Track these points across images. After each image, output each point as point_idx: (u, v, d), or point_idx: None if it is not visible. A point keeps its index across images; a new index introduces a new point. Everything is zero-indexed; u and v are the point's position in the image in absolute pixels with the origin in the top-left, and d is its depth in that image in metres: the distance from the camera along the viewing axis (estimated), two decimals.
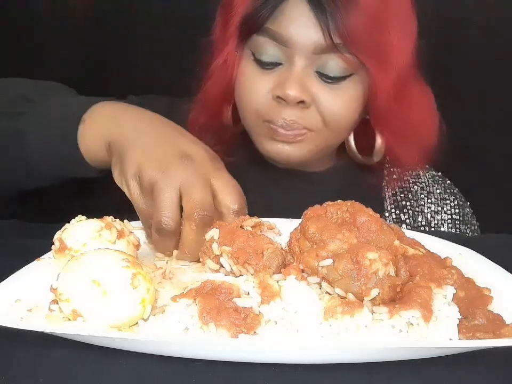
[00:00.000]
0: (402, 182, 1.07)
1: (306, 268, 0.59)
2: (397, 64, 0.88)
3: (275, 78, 0.88)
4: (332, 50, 0.85)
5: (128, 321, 0.55)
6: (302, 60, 0.86)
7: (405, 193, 1.06)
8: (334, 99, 0.88)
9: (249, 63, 0.91)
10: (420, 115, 0.97)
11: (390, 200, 1.05)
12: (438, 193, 1.07)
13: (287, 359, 0.52)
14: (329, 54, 0.85)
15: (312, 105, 0.88)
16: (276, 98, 0.88)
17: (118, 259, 0.56)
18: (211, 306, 0.53)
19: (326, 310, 0.54)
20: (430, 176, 1.11)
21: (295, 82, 0.85)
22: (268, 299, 0.54)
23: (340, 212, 0.64)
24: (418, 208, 1.04)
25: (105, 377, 0.51)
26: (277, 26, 0.86)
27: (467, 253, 0.72)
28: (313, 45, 0.85)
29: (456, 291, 0.58)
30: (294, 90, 0.85)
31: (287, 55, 0.87)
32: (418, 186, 1.07)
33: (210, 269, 0.64)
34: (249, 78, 0.91)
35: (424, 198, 1.05)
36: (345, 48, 0.84)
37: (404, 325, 0.53)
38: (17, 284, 0.60)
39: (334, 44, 0.84)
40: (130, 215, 0.73)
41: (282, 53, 0.87)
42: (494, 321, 0.56)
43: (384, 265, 0.56)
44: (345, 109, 0.90)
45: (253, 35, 0.89)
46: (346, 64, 0.86)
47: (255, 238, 0.63)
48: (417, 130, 0.98)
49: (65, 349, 0.52)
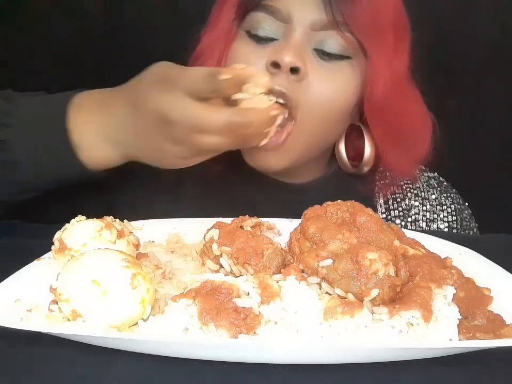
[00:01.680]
0: (395, 187, 1.02)
1: (306, 268, 0.59)
2: (395, 55, 0.87)
3: (270, 50, 0.86)
4: (331, 27, 0.83)
5: (128, 321, 0.55)
6: (299, 35, 0.85)
7: (398, 201, 1.01)
8: (327, 77, 0.85)
9: (243, 40, 0.89)
10: (413, 119, 0.95)
11: (382, 208, 1.01)
12: (433, 199, 1.02)
13: (287, 359, 0.52)
14: (327, 31, 0.84)
15: (304, 79, 0.84)
16: (270, 67, 0.84)
17: (118, 259, 0.56)
18: (211, 307, 0.53)
19: (326, 310, 0.54)
20: (425, 179, 1.06)
21: (291, 50, 0.83)
22: (267, 299, 0.54)
23: (339, 212, 0.64)
24: (411, 218, 1.00)
25: (105, 377, 0.51)
26: (276, 2, 0.85)
27: (467, 253, 0.72)
28: (311, 21, 0.84)
29: (456, 291, 0.58)
30: (289, 55, 0.82)
31: (284, 31, 0.86)
32: (412, 193, 1.02)
33: (210, 269, 0.64)
34: (244, 52, 0.89)
35: (418, 206, 1.01)
36: (344, 26, 0.83)
37: (404, 325, 0.53)
38: (17, 284, 0.60)
39: (334, 20, 0.82)
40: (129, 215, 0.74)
41: (279, 29, 0.86)
42: (494, 322, 0.56)
43: (384, 265, 0.56)
44: (338, 91, 0.86)
45: (251, 12, 0.88)
46: (345, 42, 0.84)
47: (254, 238, 0.63)
48: (410, 134, 0.95)
49: (65, 349, 0.52)
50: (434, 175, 1.08)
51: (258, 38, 0.87)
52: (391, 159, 0.96)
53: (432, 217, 1.01)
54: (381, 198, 1.02)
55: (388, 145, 0.94)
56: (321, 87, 0.85)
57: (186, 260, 0.70)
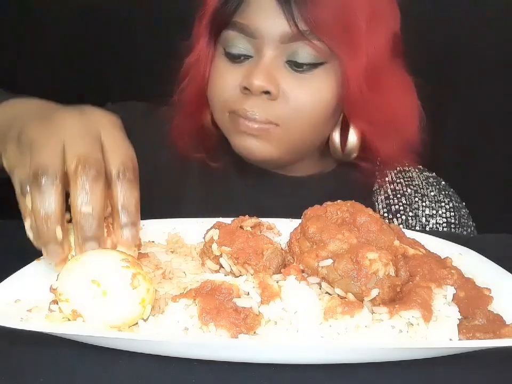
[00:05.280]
0: (395, 184, 1.03)
1: (306, 268, 0.59)
2: (368, 50, 0.86)
3: (244, 70, 0.88)
4: (300, 38, 0.84)
5: (128, 321, 0.55)
6: (270, 50, 0.86)
7: (398, 196, 1.02)
8: (303, 89, 0.86)
9: (220, 58, 0.91)
10: (397, 105, 0.94)
11: (383, 204, 1.02)
12: (432, 196, 1.03)
13: (287, 359, 0.52)
14: (297, 42, 0.84)
15: (279, 97, 0.86)
16: (243, 90, 0.86)
17: (118, 259, 0.56)
18: (211, 307, 0.53)
19: (326, 310, 0.54)
20: (424, 178, 1.07)
21: (261, 72, 0.84)
22: (267, 299, 0.54)
23: (339, 212, 0.64)
24: (412, 212, 1.01)
25: (105, 377, 0.50)
26: (244, 19, 0.86)
27: (467, 253, 0.72)
28: (279, 34, 0.84)
29: (456, 291, 0.58)
30: (258, 79, 0.84)
31: (256, 47, 0.87)
32: (412, 189, 1.03)
33: (210, 269, 0.64)
34: (220, 71, 0.91)
35: (418, 201, 1.02)
36: (312, 35, 0.83)
37: (404, 325, 0.53)
38: (17, 284, 0.60)
39: (300, 31, 0.83)
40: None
41: (251, 45, 0.87)
42: (494, 322, 0.56)
43: (384, 265, 0.56)
44: (314, 100, 0.87)
45: (223, 31, 0.89)
46: (316, 51, 0.85)
47: (254, 238, 0.63)
48: (396, 120, 0.94)
49: (65, 349, 0.52)
50: (433, 175, 1.09)
51: (232, 56, 0.89)
52: (378, 147, 0.96)
53: (432, 212, 1.01)
54: (381, 194, 1.02)
55: (372, 134, 0.95)
56: (298, 99, 0.86)
57: (186, 260, 0.70)
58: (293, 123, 0.88)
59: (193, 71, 0.95)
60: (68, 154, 0.57)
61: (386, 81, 0.92)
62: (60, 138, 0.58)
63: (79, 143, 0.58)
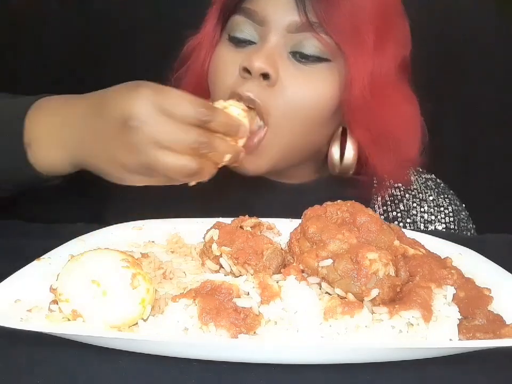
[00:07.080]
0: (392, 189, 1.00)
1: (306, 268, 0.59)
2: (375, 58, 0.85)
3: (246, 54, 0.85)
4: (307, 29, 0.82)
5: (128, 322, 0.55)
6: (275, 37, 0.84)
7: (396, 202, 0.99)
8: (302, 81, 0.84)
9: (224, 45, 0.90)
10: (399, 119, 0.91)
11: (380, 210, 0.99)
12: (431, 200, 1.01)
13: (287, 359, 0.52)
14: (304, 33, 0.83)
15: (277, 85, 0.83)
16: (242, 72, 0.84)
17: (118, 259, 0.56)
18: (211, 307, 0.53)
19: (326, 310, 0.54)
20: (423, 181, 1.04)
21: (262, 54, 0.82)
22: (267, 299, 0.54)
23: (339, 212, 0.64)
24: (410, 219, 0.98)
25: (105, 377, 0.50)
26: (253, 5, 0.85)
27: (467, 253, 0.72)
28: (287, 23, 0.83)
29: (456, 291, 0.58)
30: (259, 61, 0.81)
31: (261, 35, 0.85)
32: (410, 194, 1.01)
33: (210, 269, 0.64)
34: (222, 55, 0.89)
35: (416, 207, 0.99)
36: (321, 28, 0.82)
37: (404, 325, 0.53)
38: (17, 284, 0.60)
39: (309, 22, 0.82)
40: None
41: (257, 32, 0.86)
42: (494, 322, 0.56)
43: (384, 265, 0.56)
44: (312, 95, 0.84)
45: (231, 16, 0.88)
46: (322, 45, 0.83)
47: (254, 238, 0.63)
48: (396, 135, 0.91)
49: (65, 349, 0.52)
50: (431, 177, 1.07)
51: (237, 41, 0.88)
52: (376, 163, 0.92)
53: (430, 218, 0.99)
54: (378, 200, 1.00)
55: (371, 148, 0.91)
56: (296, 91, 0.84)
57: (186, 260, 0.70)
58: (283, 122, 0.85)
59: (194, 54, 0.94)
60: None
61: (389, 93, 0.89)
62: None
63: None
